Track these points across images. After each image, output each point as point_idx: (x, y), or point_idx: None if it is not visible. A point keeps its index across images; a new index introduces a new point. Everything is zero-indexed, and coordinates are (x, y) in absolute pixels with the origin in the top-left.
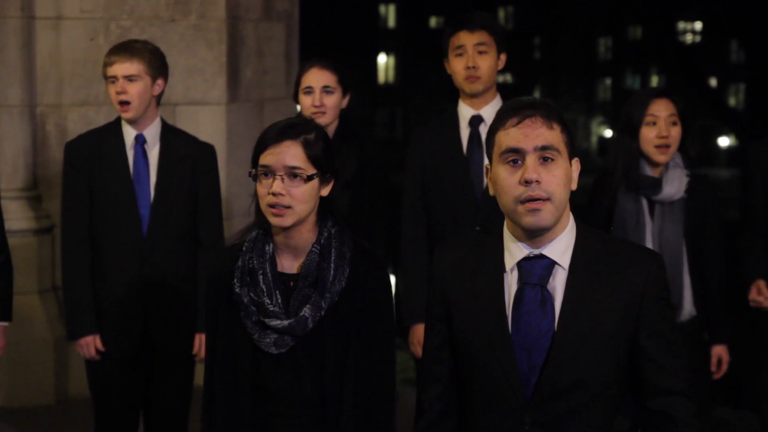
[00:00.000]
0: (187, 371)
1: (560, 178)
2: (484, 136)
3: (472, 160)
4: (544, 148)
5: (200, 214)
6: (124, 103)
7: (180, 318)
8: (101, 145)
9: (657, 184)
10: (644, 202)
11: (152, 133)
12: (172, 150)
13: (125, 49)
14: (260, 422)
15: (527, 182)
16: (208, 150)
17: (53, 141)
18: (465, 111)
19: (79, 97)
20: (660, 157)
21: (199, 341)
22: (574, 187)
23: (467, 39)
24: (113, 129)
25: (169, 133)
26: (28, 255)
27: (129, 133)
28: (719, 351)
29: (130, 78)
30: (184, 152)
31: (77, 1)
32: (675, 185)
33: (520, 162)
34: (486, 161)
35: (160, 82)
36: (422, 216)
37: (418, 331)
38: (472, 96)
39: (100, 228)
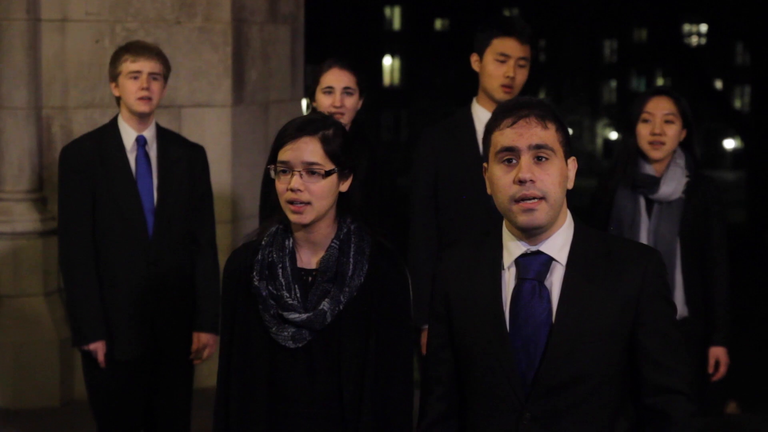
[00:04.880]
0: (188, 372)
1: (555, 176)
2: None
3: None
4: (538, 146)
5: (196, 215)
6: (146, 98)
7: (183, 319)
8: (101, 148)
9: (655, 182)
10: (642, 201)
11: (150, 134)
12: (168, 152)
13: (149, 48)
14: (274, 421)
15: (521, 182)
16: (201, 151)
17: (59, 143)
18: (481, 114)
19: (84, 99)
20: (654, 153)
21: (197, 340)
22: (570, 186)
23: (515, 49)
24: (110, 131)
25: (163, 135)
26: (33, 257)
27: (128, 135)
28: (717, 353)
29: (154, 76)
30: (179, 154)
31: (82, 4)
32: (672, 185)
33: (514, 161)
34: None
35: (165, 85)
36: (433, 217)
37: None
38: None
39: (105, 232)
